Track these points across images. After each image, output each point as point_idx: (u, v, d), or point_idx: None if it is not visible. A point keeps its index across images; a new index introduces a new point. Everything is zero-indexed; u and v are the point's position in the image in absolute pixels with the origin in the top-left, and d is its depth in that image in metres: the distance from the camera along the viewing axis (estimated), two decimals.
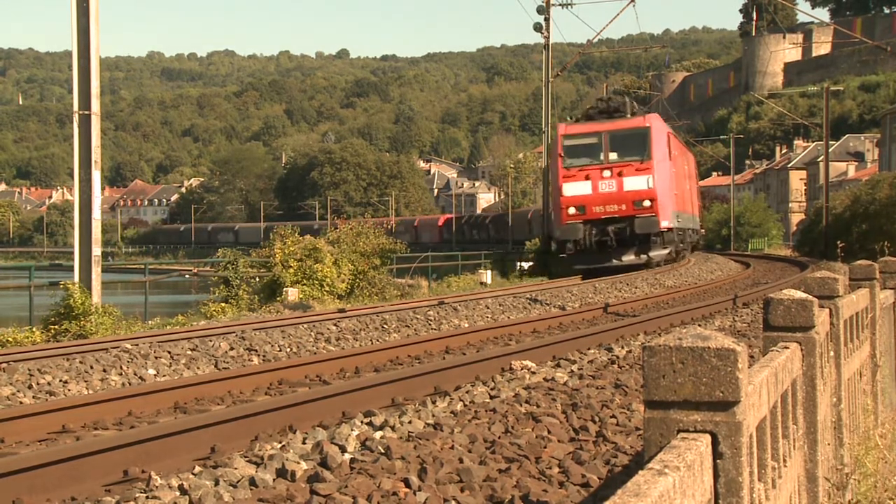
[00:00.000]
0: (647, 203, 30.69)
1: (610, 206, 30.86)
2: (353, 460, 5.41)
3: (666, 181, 31.72)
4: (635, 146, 31.25)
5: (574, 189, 31.07)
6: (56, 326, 16.64)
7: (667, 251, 32.04)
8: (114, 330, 16.60)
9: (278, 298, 24.18)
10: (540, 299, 19.62)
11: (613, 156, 31.28)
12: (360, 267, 27.89)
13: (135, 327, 17.53)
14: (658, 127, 32.17)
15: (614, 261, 31.07)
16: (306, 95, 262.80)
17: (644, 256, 31.32)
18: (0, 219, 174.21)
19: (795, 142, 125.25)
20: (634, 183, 30.74)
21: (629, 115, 32.07)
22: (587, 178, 30.92)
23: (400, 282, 32.67)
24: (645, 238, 30.91)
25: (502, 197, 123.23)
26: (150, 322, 19.93)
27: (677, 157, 35.48)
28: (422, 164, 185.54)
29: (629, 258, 31.24)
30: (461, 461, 5.31)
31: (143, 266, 45.64)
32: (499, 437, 5.91)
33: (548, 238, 37.40)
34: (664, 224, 31.08)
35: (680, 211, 34.72)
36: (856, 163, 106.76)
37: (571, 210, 31.04)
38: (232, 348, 11.93)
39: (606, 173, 30.92)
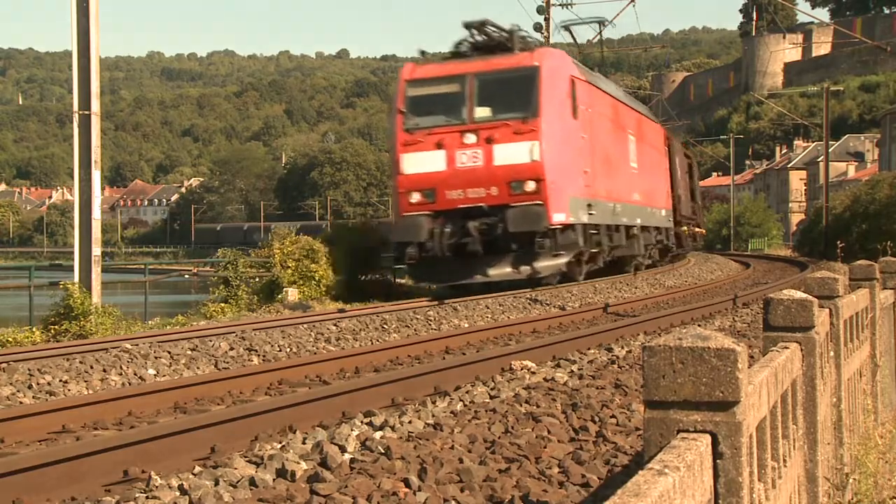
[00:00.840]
0: (529, 185, 20.48)
1: (473, 189, 20.63)
2: (353, 460, 5.41)
3: (565, 150, 21.54)
4: (515, 97, 21.04)
5: (418, 163, 20.88)
6: (56, 326, 16.64)
7: (562, 261, 21.50)
8: (114, 330, 16.61)
9: (277, 298, 24.18)
10: (540, 299, 19.63)
11: (483, 112, 21.07)
12: None
13: (135, 327, 17.54)
14: (554, 67, 21.66)
15: (478, 276, 20.97)
16: (306, 95, 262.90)
17: (526, 269, 20.89)
18: (0, 219, 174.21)
19: (795, 142, 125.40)
20: (511, 153, 20.58)
21: (517, 51, 21.76)
22: (439, 146, 20.80)
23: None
24: (527, 239, 20.45)
25: None
26: (150, 322, 19.94)
27: (598, 115, 24.69)
28: None
29: (502, 271, 20.95)
30: (461, 461, 5.32)
31: (143, 266, 45.67)
32: (499, 437, 5.91)
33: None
34: (558, 218, 20.73)
35: (602, 199, 24.31)
36: (856, 163, 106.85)
37: (414, 197, 20.89)
38: (232, 348, 11.93)
39: (469, 138, 20.73)
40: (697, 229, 49.57)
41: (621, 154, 27.73)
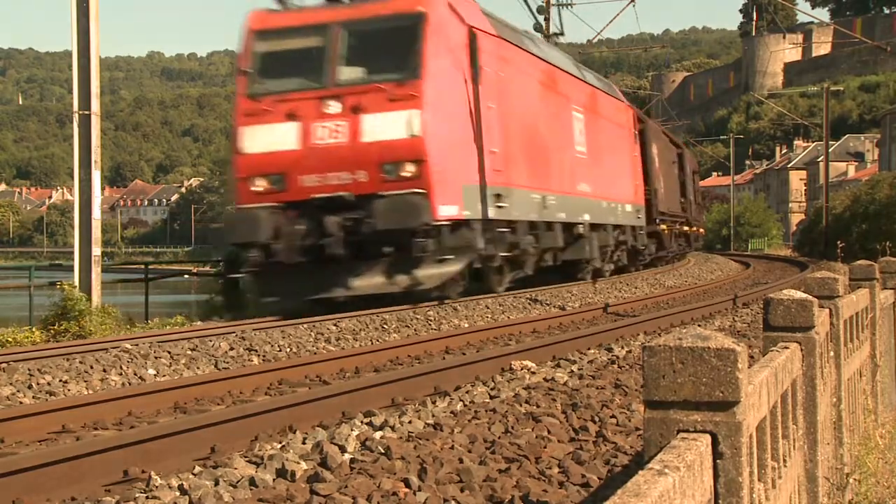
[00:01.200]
0: (407, 168, 15.96)
1: (335, 173, 16.07)
2: (353, 460, 5.41)
3: (459, 123, 17.08)
4: (392, 53, 16.59)
5: (263, 140, 16.45)
6: (56, 326, 16.64)
7: (452, 269, 16.82)
8: (114, 330, 16.61)
9: None
10: (540, 299, 19.63)
11: (350, 73, 16.59)
12: None
13: (135, 327, 17.54)
14: (445, 14, 17.12)
15: (339, 290, 16.26)
16: None
17: (403, 279, 16.21)
18: (0, 219, 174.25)
19: (795, 142, 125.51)
20: (383, 126, 16.06)
21: None
22: (291, 116, 16.32)
23: None
24: (404, 239, 15.83)
25: None
26: (150, 322, 19.93)
27: (518, 82, 20.06)
28: None
29: (371, 283, 16.22)
30: (461, 461, 5.32)
31: (143, 266, 45.71)
32: (499, 437, 5.91)
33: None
34: (445, 211, 16.26)
35: (522, 189, 19.62)
36: (856, 163, 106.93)
37: (257, 183, 16.42)
38: (232, 348, 11.93)
39: (331, 107, 16.19)
40: (687, 228, 43.58)
41: (558, 134, 22.66)
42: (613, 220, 26.86)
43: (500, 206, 18.24)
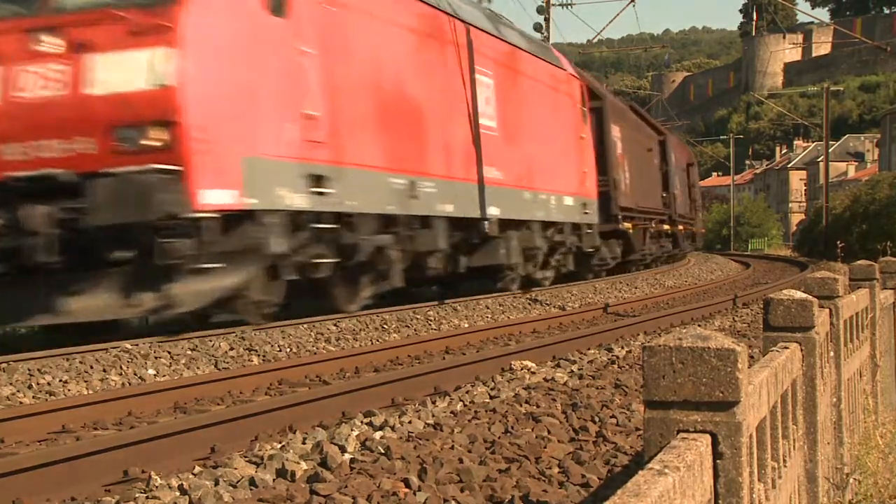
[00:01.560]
0: (152, 135, 10.93)
1: (47, 141, 11.11)
2: (353, 460, 5.42)
3: (243, 70, 12.00)
4: None
5: None
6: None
7: (229, 282, 12.28)
8: (113, 330, 16.59)
9: None
10: (540, 299, 19.63)
11: None
12: None
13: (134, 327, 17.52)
14: None
15: (44, 315, 11.73)
16: None
17: (149, 297, 11.49)
18: None
19: (795, 142, 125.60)
20: (119, 72, 10.99)
21: None
22: None
23: None
24: (147, 239, 11.06)
25: None
26: (149, 322, 19.91)
27: (363, 21, 14.75)
28: None
29: (98, 303, 11.45)
30: (461, 461, 5.32)
31: None
32: (499, 438, 5.92)
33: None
34: (212, 198, 11.32)
35: (366, 169, 14.57)
36: (856, 163, 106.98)
37: None
38: (232, 348, 11.93)
39: (46, 44, 11.20)
40: (669, 227, 37.46)
41: (446, 100, 17.59)
42: (543, 215, 21.73)
43: (320, 193, 13.37)
